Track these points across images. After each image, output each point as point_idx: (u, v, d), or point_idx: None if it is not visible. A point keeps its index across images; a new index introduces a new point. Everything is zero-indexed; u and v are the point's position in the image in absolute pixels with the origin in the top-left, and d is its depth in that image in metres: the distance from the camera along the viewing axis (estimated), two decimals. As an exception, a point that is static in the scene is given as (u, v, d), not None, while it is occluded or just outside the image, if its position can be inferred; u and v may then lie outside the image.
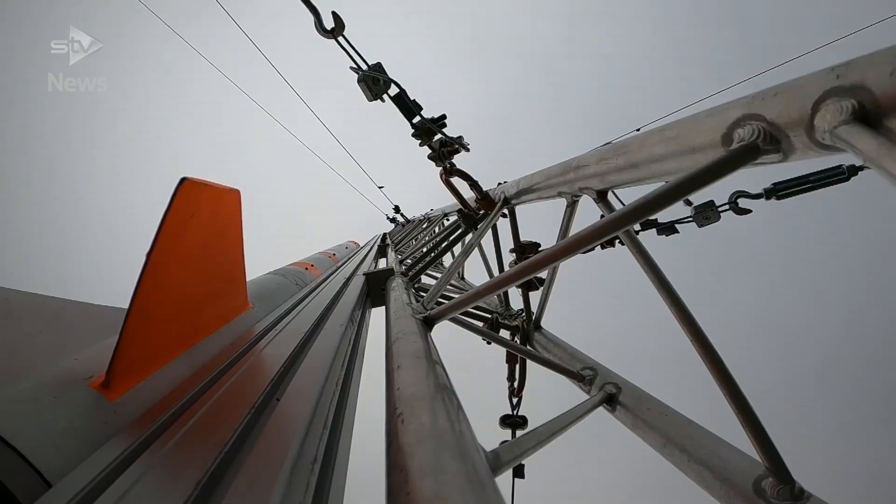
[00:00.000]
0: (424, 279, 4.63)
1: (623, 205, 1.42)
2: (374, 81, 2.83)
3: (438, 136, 3.19)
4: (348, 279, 3.15)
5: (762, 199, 3.81)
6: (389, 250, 6.99)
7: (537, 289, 3.28)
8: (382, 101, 2.91)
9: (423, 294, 3.01)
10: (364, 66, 2.80)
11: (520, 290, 3.47)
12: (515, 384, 3.77)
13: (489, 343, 3.45)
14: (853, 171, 3.37)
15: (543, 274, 3.16)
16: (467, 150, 3.31)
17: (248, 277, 2.09)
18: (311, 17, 2.55)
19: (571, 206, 2.46)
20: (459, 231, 3.85)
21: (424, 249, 5.18)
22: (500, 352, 3.68)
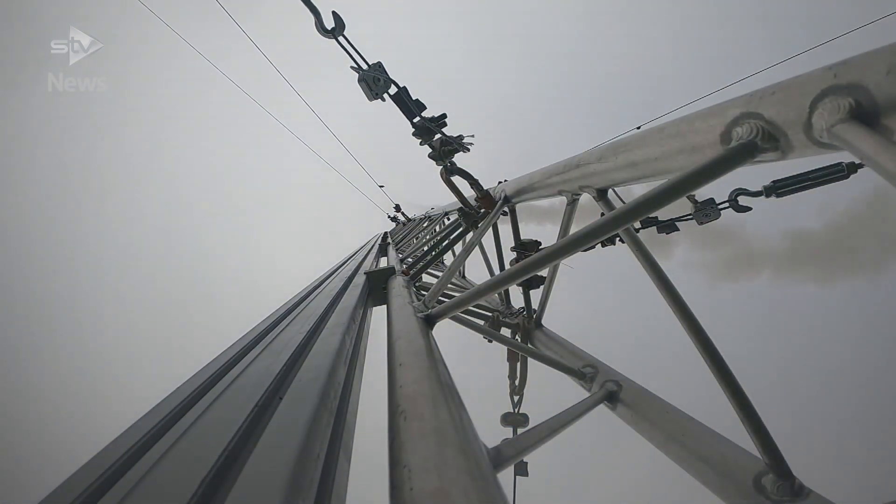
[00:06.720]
0: (425, 278, 4.64)
1: (623, 203, 1.43)
2: (374, 81, 2.83)
3: (438, 135, 3.19)
4: (350, 278, 3.16)
5: (762, 197, 3.83)
6: (390, 249, 6.99)
7: (538, 287, 3.29)
8: (383, 100, 2.91)
9: (424, 293, 3.02)
10: (364, 66, 2.80)
11: (521, 288, 3.49)
12: (516, 382, 3.79)
13: (490, 341, 3.46)
14: (852, 168, 3.37)
15: (544, 272, 3.17)
16: (467, 150, 3.31)
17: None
18: (311, 17, 2.56)
19: (572, 205, 2.47)
20: (460, 230, 3.86)
21: (425, 248, 5.19)
22: (502, 350, 3.69)
